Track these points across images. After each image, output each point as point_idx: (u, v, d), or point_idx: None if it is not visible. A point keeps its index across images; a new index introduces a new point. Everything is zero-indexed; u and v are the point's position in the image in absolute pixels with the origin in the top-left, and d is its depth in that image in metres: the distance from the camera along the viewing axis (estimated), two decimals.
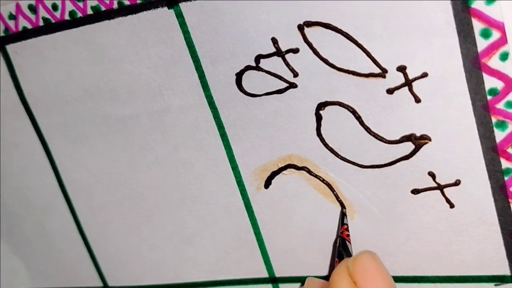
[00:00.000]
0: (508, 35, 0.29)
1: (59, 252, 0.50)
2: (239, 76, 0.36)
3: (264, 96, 0.36)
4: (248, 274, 0.43)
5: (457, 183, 0.34)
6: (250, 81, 0.36)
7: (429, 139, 0.33)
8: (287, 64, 0.35)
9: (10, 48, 0.41)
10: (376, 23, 0.31)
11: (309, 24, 0.33)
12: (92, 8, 0.38)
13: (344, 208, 0.38)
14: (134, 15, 0.37)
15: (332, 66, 0.34)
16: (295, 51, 0.34)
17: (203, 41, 0.36)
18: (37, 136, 0.44)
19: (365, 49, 0.32)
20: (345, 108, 0.34)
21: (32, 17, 0.39)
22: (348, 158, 0.36)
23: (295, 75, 0.35)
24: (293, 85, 0.35)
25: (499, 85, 0.30)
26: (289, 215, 0.40)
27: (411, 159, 0.34)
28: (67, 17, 0.39)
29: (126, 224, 0.45)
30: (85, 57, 0.39)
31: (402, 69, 0.32)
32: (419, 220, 0.36)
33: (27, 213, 0.49)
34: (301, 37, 0.34)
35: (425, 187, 0.35)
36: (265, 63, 0.35)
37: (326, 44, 0.33)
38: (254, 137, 0.38)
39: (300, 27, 0.33)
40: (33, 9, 0.39)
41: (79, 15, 0.38)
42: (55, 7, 0.39)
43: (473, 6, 0.29)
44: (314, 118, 0.36)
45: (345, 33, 0.32)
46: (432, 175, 0.34)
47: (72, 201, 0.46)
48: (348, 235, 0.37)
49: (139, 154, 0.42)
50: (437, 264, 0.37)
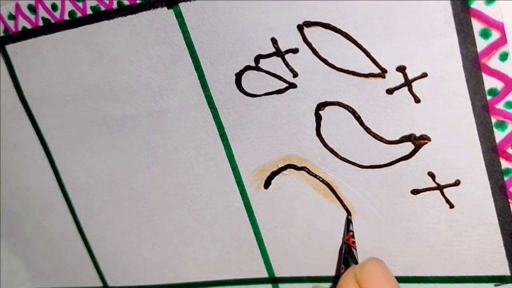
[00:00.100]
0: (508, 35, 0.29)
1: (59, 252, 0.50)
2: (239, 76, 0.36)
3: (264, 96, 0.36)
4: (248, 274, 0.43)
5: (456, 183, 0.34)
6: (250, 81, 0.36)
7: (429, 139, 0.33)
8: (286, 64, 0.35)
9: (10, 48, 0.41)
10: (375, 23, 0.31)
11: (308, 24, 0.33)
12: (91, 8, 0.38)
13: (349, 215, 0.38)
14: (133, 15, 0.37)
15: (331, 66, 0.34)
16: (294, 51, 0.34)
17: (202, 41, 0.36)
18: (37, 136, 0.44)
19: (364, 49, 0.32)
20: (345, 108, 0.34)
21: (32, 17, 0.39)
22: (347, 158, 0.36)
23: (295, 75, 0.35)
24: (292, 85, 0.35)
25: (498, 85, 0.30)
26: (288, 215, 0.40)
27: (410, 159, 0.34)
28: (66, 17, 0.39)
29: (126, 224, 0.45)
30: (85, 57, 0.39)
31: (401, 69, 0.32)
32: (418, 220, 0.36)
33: (27, 213, 0.49)
34: (300, 37, 0.34)
35: (424, 187, 0.35)
36: (264, 63, 0.35)
37: (326, 44, 0.33)
38: (253, 137, 0.38)
39: (300, 27, 0.33)
40: (32, 9, 0.39)
41: (79, 15, 0.38)
42: (54, 7, 0.39)
43: (472, 6, 0.29)
44: (313, 118, 0.36)
45: (344, 33, 0.32)
46: (432, 175, 0.34)
47: (72, 201, 0.46)
48: (354, 242, 0.37)
49: (139, 154, 0.42)
50: (436, 264, 0.37)
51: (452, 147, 0.33)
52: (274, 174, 0.39)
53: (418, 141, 0.34)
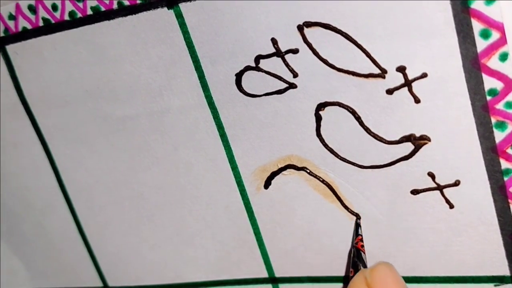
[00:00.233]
0: (508, 35, 0.29)
1: (59, 252, 0.50)
2: (239, 76, 0.36)
3: (264, 97, 0.36)
4: (248, 274, 0.43)
5: (456, 183, 0.34)
6: (250, 81, 0.36)
7: (429, 140, 0.33)
8: (286, 64, 0.35)
9: (10, 48, 0.41)
10: (375, 23, 0.31)
11: (308, 24, 0.33)
12: (92, 8, 0.38)
13: (358, 218, 0.38)
14: (134, 15, 0.37)
15: (331, 66, 0.34)
16: (294, 51, 0.34)
17: (202, 41, 0.36)
18: (37, 136, 0.44)
19: (364, 49, 0.32)
20: (345, 108, 0.34)
21: (32, 17, 0.39)
22: (347, 159, 0.36)
23: (295, 75, 0.35)
24: (292, 86, 0.35)
25: (498, 85, 0.30)
26: (289, 216, 0.40)
27: (410, 160, 0.34)
28: (67, 18, 0.39)
29: (126, 224, 0.45)
30: (85, 58, 0.39)
31: (401, 69, 0.32)
32: (418, 221, 0.36)
33: (27, 213, 0.49)
34: (300, 37, 0.34)
35: (424, 187, 0.35)
36: (264, 64, 0.35)
37: (326, 45, 0.33)
38: (253, 137, 0.38)
39: (300, 28, 0.33)
40: (33, 9, 0.39)
41: (79, 15, 0.38)
42: (55, 7, 0.39)
43: (472, 6, 0.29)
44: (313, 119, 0.36)
45: (344, 33, 0.32)
46: (432, 175, 0.34)
47: (72, 201, 0.46)
48: (362, 245, 0.37)
49: (139, 154, 0.42)
50: (436, 264, 0.37)
51: (452, 147, 0.33)
52: (274, 174, 0.39)
53: (418, 141, 0.34)
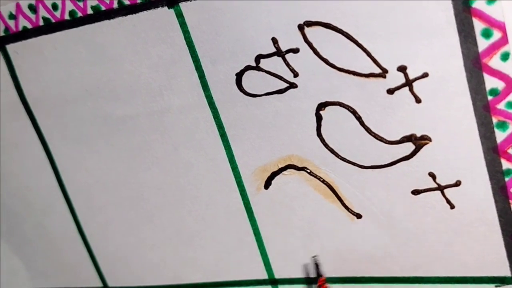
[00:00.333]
0: (509, 35, 0.29)
1: (59, 252, 0.50)
2: (239, 76, 0.36)
3: (264, 96, 0.36)
4: (248, 275, 0.43)
5: (457, 183, 0.34)
6: (250, 81, 0.36)
7: (430, 140, 0.33)
8: (287, 64, 0.35)
9: (10, 48, 0.41)
10: (376, 23, 0.31)
11: (309, 24, 0.33)
12: (92, 7, 0.38)
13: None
14: (134, 14, 0.37)
15: (332, 66, 0.33)
16: (295, 51, 0.34)
17: (203, 40, 0.36)
18: (37, 136, 0.44)
19: (365, 49, 0.32)
20: (346, 108, 0.34)
21: (32, 16, 0.39)
22: (348, 159, 0.36)
23: (295, 75, 0.35)
24: (293, 85, 0.35)
25: (499, 85, 0.30)
26: (289, 216, 0.39)
27: (411, 160, 0.34)
28: (67, 17, 0.38)
29: (126, 224, 0.45)
30: (85, 57, 0.39)
31: (402, 69, 0.32)
32: (419, 221, 0.36)
33: (27, 213, 0.49)
34: (301, 37, 0.33)
35: (425, 187, 0.35)
36: (265, 63, 0.35)
37: (327, 44, 0.33)
38: (254, 137, 0.38)
39: (300, 27, 0.33)
40: (33, 8, 0.39)
41: (79, 14, 0.38)
42: (55, 6, 0.38)
43: (474, 5, 0.29)
44: (314, 118, 0.36)
45: (345, 33, 0.32)
46: (433, 175, 0.34)
47: (72, 201, 0.46)
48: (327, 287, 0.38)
49: (139, 154, 0.41)
50: (437, 264, 0.37)
51: (453, 148, 0.33)
52: (274, 175, 0.39)
53: (419, 141, 0.33)
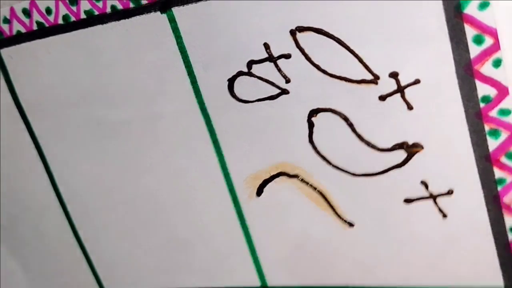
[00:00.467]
0: (501, 41, 0.29)
1: (55, 255, 0.49)
2: (231, 82, 0.36)
3: (256, 102, 0.36)
4: (241, 283, 0.43)
5: (449, 192, 0.33)
6: (242, 87, 0.36)
7: (422, 147, 0.33)
8: (279, 69, 0.34)
9: (4, 52, 0.41)
10: (368, 28, 0.31)
11: (301, 29, 0.33)
12: (85, 12, 0.37)
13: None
14: (127, 19, 0.37)
15: (324, 72, 0.33)
16: (287, 56, 0.34)
17: (195, 46, 0.36)
18: (31, 140, 0.44)
19: (357, 55, 0.32)
20: (337, 115, 0.34)
21: (26, 21, 0.39)
22: (340, 166, 0.35)
23: (287, 81, 0.34)
24: (285, 91, 0.35)
25: (492, 92, 0.30)
26: (281, 224, 0.39)
27: (403, 168, 0.34)
28: (60, 21, 0.38)
29: (120, 229, 0.45)
30: (79, 62, 0.39)
31: (394, 75, 0.31)
32: (412, 230, 0.35)
33: (24, 216, 0.49)
34: (293, 42, 0.33)
35: (417, 196, 0.34)
36: (257, 69, 0.35)
37: (318, 50, 0.33)
38: (246, 144, 0.37)
39: (292, 32, 0.33)
40: (27, 13, 0.39)
41: (73, 19, 0.38)
42: (48, 11, 0.38)
43: (465, 11, 0.29)
44: (306, 125, 0.35)
45: (337, 38, 0.32)
46: (425, 184, 0.34)
47: (67, 205, 0.46)
48: None
49: (131, 160, 0.41)
50: (430, 274, 0.36)
51: (445, 156, 0.32)
52: (266, 182, 0.38)
53: (411, 149, 0.33)
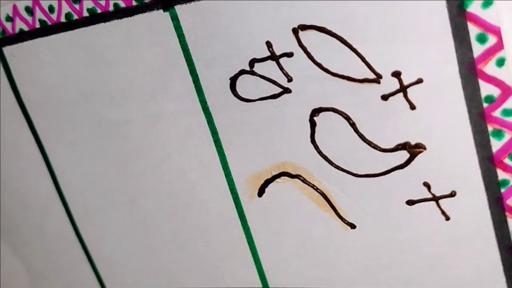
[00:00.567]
0: (505, 40, 0.28)
1: (57, 255, 0.49)
2: (233, 80, 0.35)
3: (258, 101, 0.36)
4: (242, 284, 0.42)
5: (452, 194, 0.33)
6: (244, 85, 0.35)
7: (424, 148, 0.32)
8: (281, 68, 0.34)
9: (7, 50, 0.41)
10: (371, 27, 0.31)
11: (303, 27, 0.32)
12: (88, 10, 0.37)
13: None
14: (129, 17, 0.36)
15: (326, 71, 0.33)
16: (289, 55, 0.33)
17: (197, 44, 0.35)
18: (34, 138, 0.44)
19: (359, 53, 0.31)
20: (339, 114, 0.33)
21: (29, 19, 0.39)
22: (342, 167, 0.35)
23: (289, 80, 0.34)
24: (287, 90, 0.34)
25: (495, 92, 0.29)
26: (282, 225, 0.39)
27: (405, 169, 0.33)
28: (63, 19, 0.38)
29: (122, 229, 0.45)
30: (81, 60, 0.39)
31: (397, 74, 0.31)
32: (414, 232, 0.35)
33: (26, 215, 0.49)
34: (295, 40, 0.33)
35: (420, 198, 0.34)
36: (259, 68, 0.34)
37: (321, 48, 0.32)
38: (248, 143, 0.37)
39: (295, 31, 0.33)
40: (29, 10, 0.39)
41: (75, 17, 0.38)
42: (51, 9, 0.38)
43: (469, 10, 0.28)
44: (308, 125, 0.35)
45: (339, 37, 0.32)
46: (427, 185, 0.33)
47: (69, 204, 0.46)
48: None
49: (132, 159, 0.41)
50: (432, 278, 0.36)
51: (448, 157, 0.32)
52: (268, 182, 0.38)
53: (413, 149, 0.32)
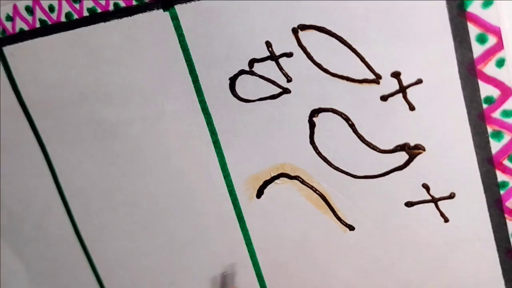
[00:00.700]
0: (505, 40, 0.28)
1: (57, 254, 0.49)
2: (233, 80, 0.35)
3: (258, 102, 0.35)
4: (241, 286, 0.42)
5: (451, 196, 0.33)
6: (244, 86, 0.35)
7: (423, 149, 0.32)
8: (280, 68, 0.34)
9: (7, 49, 0.41)
10: (370, 27, 0.30)
11: (303, 27, 0.32)
12: (88, 10, 0.37)
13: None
14: (129, 17, 0.36)
15: (325, 71, 0.33)
16: (289, 55, 0.33)
17: (197, 44, 0.35)
18: (35, 138, 0.44)
19: (359, 54, 0.31)
20: (339, 115, 0.33)
21: (29, 18, 0.39)
22: (341, 168, 0.35)
23: (289, 80, 0.34)
24: (286, 91, 0.34)
25: (495, 93, 0.29)
26: (281, 227, 0.38)
27: (404, 170, 0.33)
28: (63, 19, 0.38)
29: (121, 229, 0.45)
30: (81, 60, 0.39)
31: (396, 75, 0.31)
32: (413, 234, 0.35)
33: (26, 214, 0.48)
34: (295, 40, 0.33)
35: (419, 199, 0.34)
36: (258, 68, 0.34)
37: (320, 48, 0.32)
38: (247, 144, 0.37)
39: (294, 31, 0.32)
40: (30, 10, 0.39)
41: (75, 16, 0.38)
42: (51, 8, 0.38)
43: (469, 9, 0.28)
44: (307, 125, 0.35)
45: (339, 37, 0.31)
46: (426, 187, 0.33)
47: (69, 204, 0.46)
48: None
49: (131, 160, 0.41)
50: (432, 280, 0.36)
51: (447, 158, 0.32)
52: (266, 183, 0.38)
53: (413, 150, 0.32)
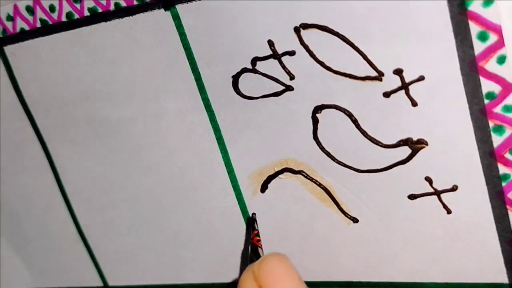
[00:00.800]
0: (505, 38, 0.29)
1: (59, 251, 0.50)
2: (236, 78, 0.36)
3: (261, 99, 0.36)
4: None
5: (454, 188, 0.33)
6: (247, 83, 0.36)
7: (426, 144, 0.33)
8: (283, 66, 0.34)
9: (8, 49, 0.41)
10: (372, 25, 0.31)
11: (305, 26, 0.33)
12: (89, 9, 0.37)
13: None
14: (130, 17, 0.37)
15: (328, 69, 0.33)
16: (291, 53, 0.34)
17: (199, 43, 0.36)
18: (36, 136, 0.44)
19: (361, 51, 0.32)
20: (342, 111, 0.34)
21: (30, 18, 0.39)
22: (344, 162, 0.36)
23: (292, 77, 0.34)
24: (289, 88, 0.35)
25: (496, 88, 0.30)
26: (285, 220, 0.39)
27: (407, 164, 0.34)
28: (64, 19, 0.38)
29: (124, 226, 0.45)
30: (82, 59, 0.39)
31: (398, 72, 0.31)
32: (416, 226, 0.35)
33: (28, 212, 0.49)
34: (297, 39, 0.33)
35: (422, 192, 0.34)
36: (261, 66, 0.35)
37: (323, 47, 0.33)
38: (250, 140, 0.37)
39: (297, 29, 0.33)
40: (30, 10, 0.39)
41: (76, 16, 0.38)
42: (52, 8, 0.38)
43: (470, 8, 0.29)
44: (310, 121, 0.35)
45: (341, 35, 0.32)
46: (429, 180, 0.34)
47: (71, 202, 0.46)
48: (258, 240, 0.36)
49: (134, 158, 0.41)
50: (434, 270, 0.36)
51: (449, 152, 0.32)
52: (270, 178, 0.38)
53: (415, 145, 0.33)
